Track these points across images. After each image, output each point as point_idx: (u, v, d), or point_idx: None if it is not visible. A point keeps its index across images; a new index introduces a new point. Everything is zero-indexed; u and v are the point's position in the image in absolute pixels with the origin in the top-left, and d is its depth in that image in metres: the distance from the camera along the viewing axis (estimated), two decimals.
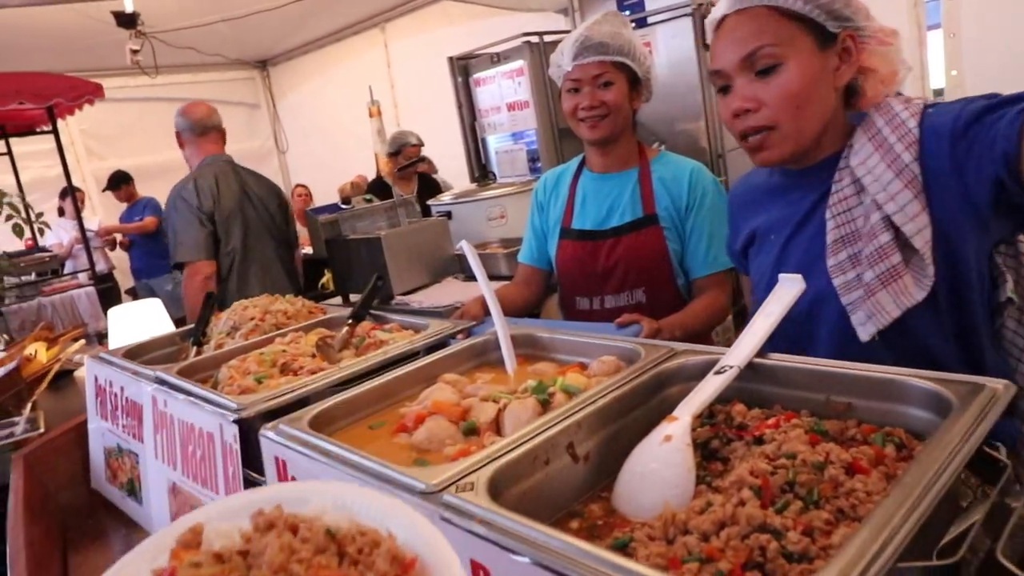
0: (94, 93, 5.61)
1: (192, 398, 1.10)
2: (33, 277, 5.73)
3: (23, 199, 3.09)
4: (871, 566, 0.49)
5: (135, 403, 1.28)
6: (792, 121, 1.08)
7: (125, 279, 7.07)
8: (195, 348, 1.53)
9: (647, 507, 0.69)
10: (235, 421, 0.98)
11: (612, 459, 0.78)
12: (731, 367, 0.84)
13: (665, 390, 0.88)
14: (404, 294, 3.07)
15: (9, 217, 3.05)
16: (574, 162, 2.01)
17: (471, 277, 3.28)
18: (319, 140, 9.24)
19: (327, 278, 5.59)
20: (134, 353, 1.49)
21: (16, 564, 1.13)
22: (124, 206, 6.97)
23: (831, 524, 0.61)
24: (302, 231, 5.13)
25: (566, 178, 1.98)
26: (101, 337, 5.35)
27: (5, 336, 3.53)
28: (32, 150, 7.24)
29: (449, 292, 3.02)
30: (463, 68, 6.44)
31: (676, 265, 1.80)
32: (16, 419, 1.75)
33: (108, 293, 5.61)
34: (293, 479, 0.87)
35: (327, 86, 8.95)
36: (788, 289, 0.94)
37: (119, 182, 6.19)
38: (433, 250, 3.23)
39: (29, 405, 1.79)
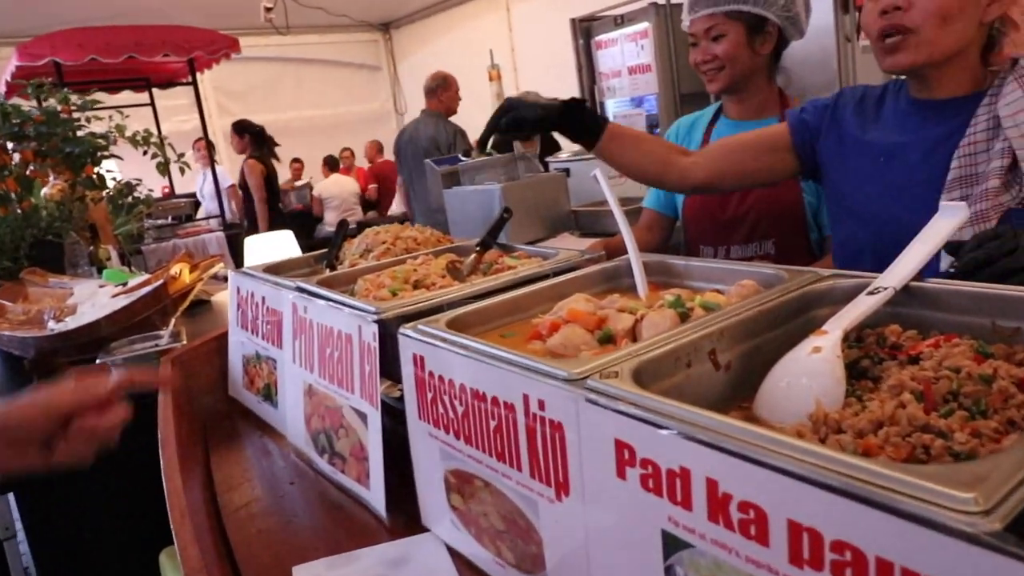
0: (231, 48, 5.91)
1: (332, 303, 1.15)
2: (169, 220, 6.16)
3: (161, 144, 3.29)
4: None
5: (275, 311, 1.36)
6: (934, 30, 1.13)
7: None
8: (328, 270, 1.60)
9: (792, 414, 0.67)
10: (375, 321, 1.02)
11: (754, 371, 0.76)
12: (885, 288, 0.79)
13: (812, 311, 0.85)
14: (527, 244, 3.10)
15: (154, 155, 3.26)
16: (711, 108, 1.96)
17: (587, 233, 3.25)
18: None
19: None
20: (273, 270, 1.57)
21: (167, 449, 1.23)
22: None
23: (1000, 433, 0.57)
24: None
25: (701, 124, 1.94)
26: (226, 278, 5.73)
27: (143, 273, 3.81)
28: (169, 104, 7.75)
29: (563, 246, 3.01)
30: (585, 30, 6.36)
31: (810, 218, 1.72)
32: (161, 332, 1.89)
33: (235, 239, 5.95)
34: (431, 373, 0.90)
35: (448, 49, 9.05)
36: (949, 218, 0.88)
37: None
38: (550, 205, 3.22)
39: (172, 321, 1.93)
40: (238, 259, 5.79)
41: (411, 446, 0.99)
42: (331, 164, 9.09)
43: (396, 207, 7.76)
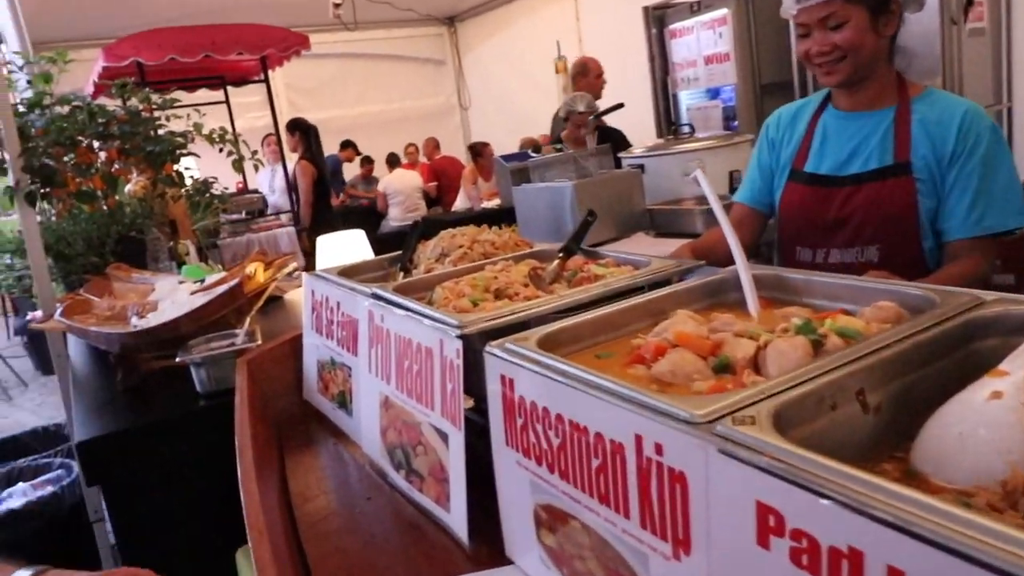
0: (302, 44, 5.98)
1: (411, 313, 1.09)
2: (243, 215, 6.29)
3: (235, 141, 3.33)
4: None
5: (351, 317, 1.31)
6: None
7: None
8: (402, 273, 1.55)
9: (967, 471, 0.56)
10: (458, 337, 0.95)
11: (907, 414, 0.65)
12: None
13: (975, 343, 0.73)
14: (592, 247, 3.00)
15: (230, 153, 3.30)
16: (816, 96, 1.81)
17: (662, 233, 3.14)
18: (501, 97, 9.33)
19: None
20: (347, 273, 1.53)
21: (244, 454, 1.19)
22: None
23: None
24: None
25: (805, 114, 1.80)
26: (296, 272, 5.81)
27: (219, 265, 3.87)
28: (243, 102, 7.92)
29: (639, 247, 2.91)
30: (658, 19, 6.18)
31: (926, 224, 1.57)
32: (237, 331, 1.88)
33: (301, 235, 6.02)
34: (521, 398, 0.82)
35: (513, 42, 8.98)
36: None
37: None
38: (624, 203, 3.12)
39: (248, 319, 1.91)
40: (306, 255, 5.88)
41: (496, 472, 0.92)
42: (392, 162, 9.15)
43: (460, 203, 7.74)
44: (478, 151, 7.42)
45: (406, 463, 1.12)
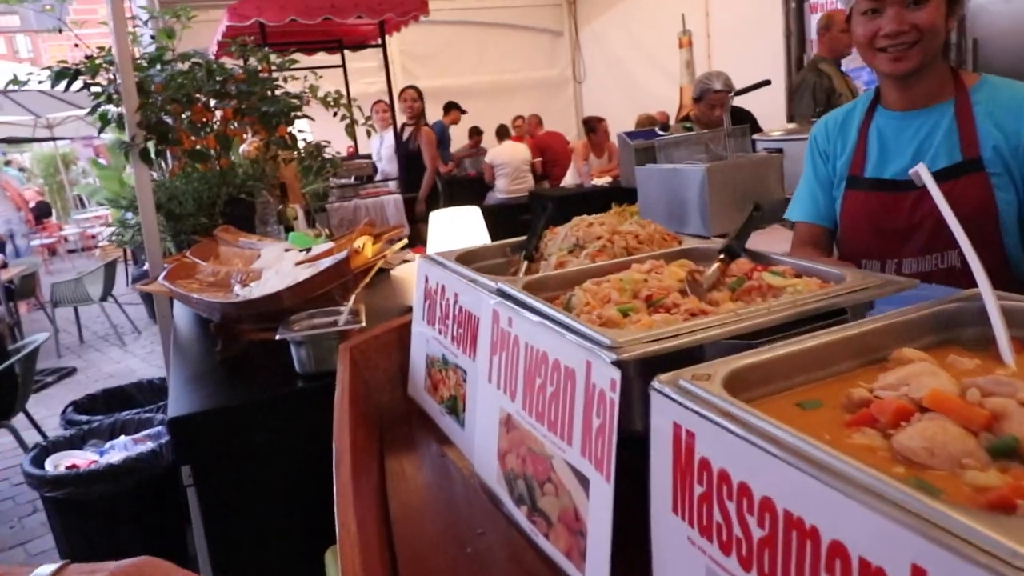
0: (420, 10, 5.86)
1: (548, 321, 0.90)
2: (352, 180, 6.29)
3: (349, 105, 3.22)
4: None
5: (471, 314, 1.13)
6: None
7: None
8: (526, 263, 1.36)
9: None
10: (614, 363, 0.75)
11: None
12: None
13: None
14: (722, 236, 2.73)
15: (344, 117, 3.20)
16: (862, 100, 1.67)
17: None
18: (618, 71, 8.98)
19: (618, 210, 5.40)
20: (465, 259, 1.35)
21: (342, 457, 1.05)
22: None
23: None
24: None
25: (854, 119, 1.66)
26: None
27: (327, 230, 3.82)
28: (358, 67, 7.93)
29: (775, 241, 2.61)
30: None
31: (1007, 220, 1.45)
32: (340, 309, 1.75)
33: (413, 202, 5.95)
34: (704, 460, 0.62)
35: (634, 14, 8.59)
36: None
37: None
38: (760, 190, 2.81)
39: (352, 297, 1.78)
40: (417, 224, 5.82)
41: (653, 537, 0.72)
42: (501, 134, 8.98)
43: (569, 179, 7.50)
44: (592, 126, 7.14)
45: (529, 499, 0.93)
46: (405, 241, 1.98)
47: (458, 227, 1.96)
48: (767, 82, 2.87)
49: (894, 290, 0.92)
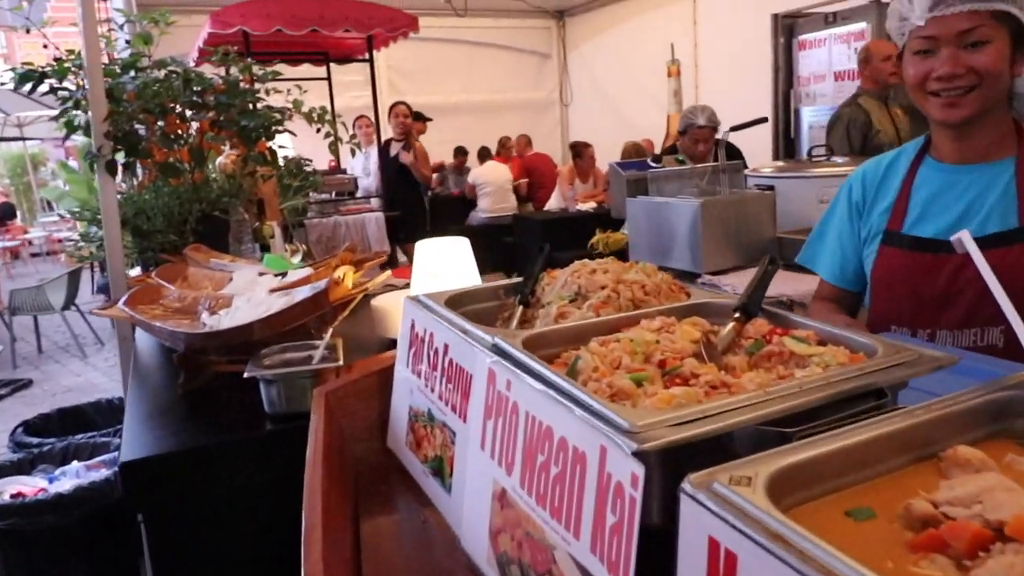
0: (410, 26, 5.79)
1: (555, 392, 0.79)
2: (332, 196, 6.16)
3: (333, 121, 3.12)
4: None
5: (462, 369, 1.02)
6: None
7: None
8: (521, 308, 1.26)
9: None
10: (636, 454, 0.65)
11: None
12: None
13: None
14: (712, 274, 2.66)
15: (327, 135, 3.09)
16: (910, 147, 1.52)
17: (791, 266, 2.75)
18: (605, 96, 8.98)
19: (602, 237, 5.31)
20: (455, 302, 1.25)
21: (311, 515, 0.94)
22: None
23: None
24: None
25: (899, 167, 1.51)
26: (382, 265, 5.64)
27: (304, 246, 3.69)
28: (344, 80, 7.82)
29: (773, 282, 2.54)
30: (787, 28, 5.71)
31: None
32: (316, 343, 1.64)
33: (395, 221, 5.83)
34: None
35: (623, 40, 8.62)
36: None
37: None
38: (752, 228, 2.76)
39: (330, 331, 1.67)
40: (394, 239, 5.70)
41: None
42: (483, 155, 8.93)
43: (554, 203, 7.43)
44: (579, 151, 7.10)
45: None
46: (389, 274, 1.87)
47: (445, 258, 1.85)
48: (764, 119, 2.82)
49: (932, 368, 0.83)
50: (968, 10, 1.25)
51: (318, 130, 3.00)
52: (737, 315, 1.03)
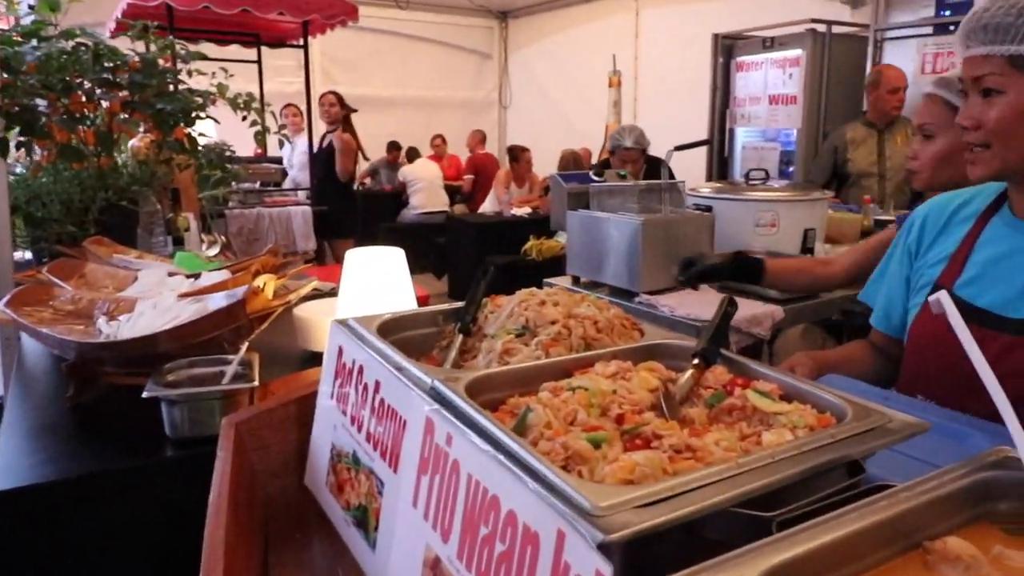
0: (349, 15, 5.58)
1: (504, 457, 0.69)
2: (257, 186, 5.88)
3: (261, 109, 2.93)
4: None
5: (395, 412, 0.91)
6: None
7: None
8: (461, 336, 1.15)
9: None
10: (601, 546, 0.55)
11: None
12: None
13: None
14: (650, 293, 2.61)
15: (254, 123, 2.90)
16: (986, 191, 1.32)
17: (726, 287, 2.74)
18: (545, 101, 8.95)
19: (535, 244, 5.25)
20: (387, 329, 1.13)
21: (212, 566, 0.81)
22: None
23: None
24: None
25: (969, 211, 1.32)
26: (306, 254, 5.38)
27: (222, 238, 3.47)
28: (275, 64, 7.51)
29: (704, 301, 2.52)
30: (727, 48, 5.79)
31: None
32: (229, 358, 1.48)
33: (323, 216, 5.60)
34: None
35: (566, 46, 8.61)
36: None
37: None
38: (690, 248, 2.72)
39: (245, 345, 1.52)
40: (321, 235, 5.47)
41: None
42: (412, 156, 8.77)
43: (488, 206, 7.33)
44: (516, 155, 7.02)
45: None
46: (315, 284, 1.73)
47: (377, 270, 1.72)
48: (707, 141, 2.80)
49: (905, 436, 0.77)
50: (981, 54, 1.10)
51: (244, 118, 2.81)
52: (696, 361, 0.96)
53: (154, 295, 1.71)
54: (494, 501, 0.69)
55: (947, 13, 4.63)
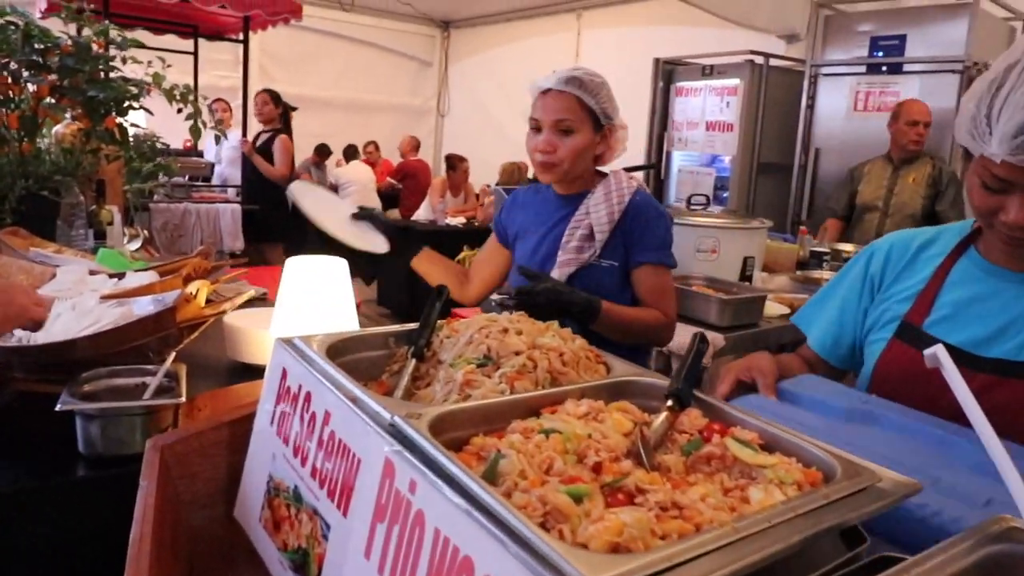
0: (293, 13, 5.43)
1: (479, 513, 0.63)
2: (185, 180, 5.62)
3: (196, 101, 2.78)
4: None
5: (347, 449, 0.83)
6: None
7: None
8: (414, 361, 1.08)
9: None
10: None
11: None
12: None
13: None
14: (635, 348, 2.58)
15: (189, 116, 2.75)
16: (953, 230, 1.33)
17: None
18: (484, 112, 8.92)
19: (470, 255, 5.18)
20: (336, 351, 1.05)
21: None
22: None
23: None
24: None
25: (934, 251, 1.32)
26: (233, 255, 5.15)
27: (145, 232, 3.27)
28: (212, 57, 7.24)
29: None
30: (667, 73, 5.89)
31: None
32: (154, 370, 1.37)
33: (253, 215, 5.38)
34: None
35: (507, 60, 8.61)
36: None
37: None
38: None
39: (172, 355, 1.40)
40: (247, 236, 5.25)
41: None
42: (349, 155, 8.61)
43: (423, 213, 7.22)
44: (453, 164, 6.95)
45: None
46: (251, 294, 1.62)
47: (318, 280, 1.62)
48: (654, 165, 2.81)
49: (900, 498, 0.74)
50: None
51: (179, 110, 2.65)
52: (670, 403, 0.92)
53: (73, 295, 1.57)
54: (466, 563, 0.62)
55: (880, 54, 4.84)
